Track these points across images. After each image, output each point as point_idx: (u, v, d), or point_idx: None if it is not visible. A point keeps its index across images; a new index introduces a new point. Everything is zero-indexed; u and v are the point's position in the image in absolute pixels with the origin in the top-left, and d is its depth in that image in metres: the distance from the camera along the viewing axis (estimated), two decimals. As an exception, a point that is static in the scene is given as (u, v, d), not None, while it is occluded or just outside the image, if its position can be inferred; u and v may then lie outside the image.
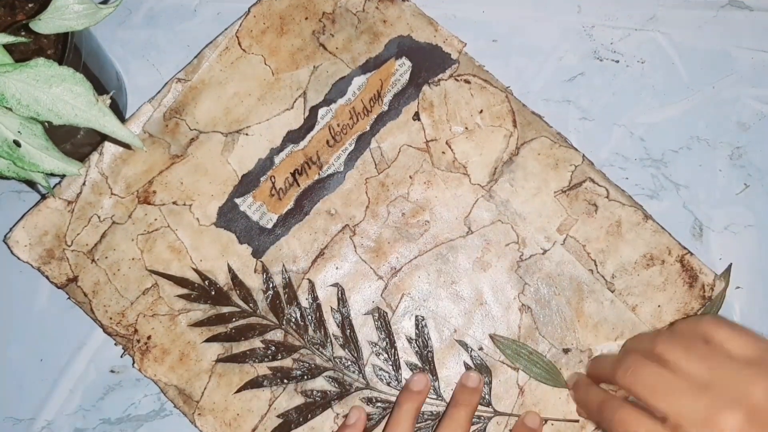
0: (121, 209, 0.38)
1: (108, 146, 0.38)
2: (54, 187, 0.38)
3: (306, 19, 0.40)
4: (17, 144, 0.28)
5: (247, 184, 0.39)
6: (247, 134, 0.39)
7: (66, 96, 0.27)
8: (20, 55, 0.32)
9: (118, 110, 0.40)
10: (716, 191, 0.41)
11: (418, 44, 0.40)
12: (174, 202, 0.38)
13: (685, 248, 0.38)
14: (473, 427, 0.37)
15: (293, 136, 0.39)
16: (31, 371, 0.39)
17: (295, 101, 0.40)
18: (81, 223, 0.38)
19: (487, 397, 0.37)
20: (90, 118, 0.28)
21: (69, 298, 0.38)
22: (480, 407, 0.37)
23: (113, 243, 0.38)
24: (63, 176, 0.38)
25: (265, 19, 0.40)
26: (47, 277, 0.38)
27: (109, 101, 0.29)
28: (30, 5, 0.34)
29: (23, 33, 0.32)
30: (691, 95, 0.41)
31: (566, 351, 0.38)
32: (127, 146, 0.38)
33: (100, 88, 0.28)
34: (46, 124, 0.28)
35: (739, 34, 0.42)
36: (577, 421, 0.37)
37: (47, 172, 0.29)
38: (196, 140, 0.39)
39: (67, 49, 0.31)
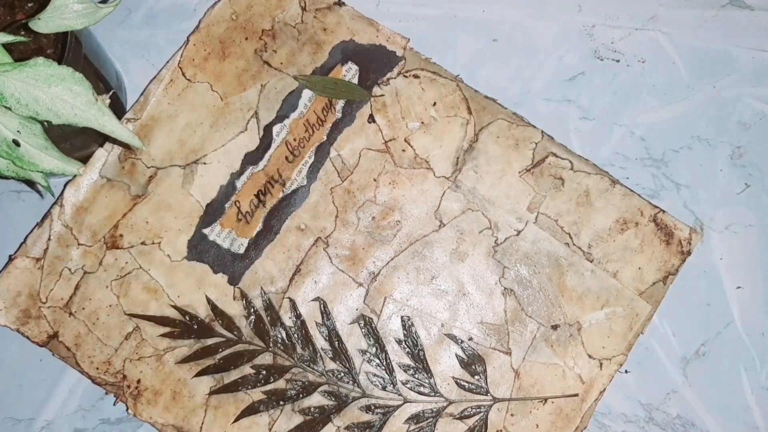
0: (91, 258, 0.38)
1: (68, 197, 0.38)
2: (20, 246, 0.38)
3: (246, 39, 0.40)
4: (16, 143, 0.28)
5: (212, 213, 0.39)
6: (205, 163, 0.39)
7: (65, 95, 0.27)
8: (20, 54, 0.32)
9: (117, 109, 0.39)
10: (717, 191, 0.41)
11: (361, 47, 0.40)
12: (142, 243, 0.38)
13: (656, 207, 0.39)
14: (474, 418, 0.37)
15: (251, 158, 0.39)
16: (31, 371, 0.39)
17: (248, 123, 0.39)
18: (53, 278, 0.38)
19: (484, 386, 0.37)
20: (89, 117, 0.28)
21: (53, 354, 0.38)
22: (479, 397, 0.37)
23: (88, 293, 0.38)
24: (59, 182, 0.37)
25: (205, 45, 0.40)
26: (28, 338, 0.37)
27: (108, 101, 0.28)
28: (29, 5, 0.33)
29: (23, 32, 0.32)
30: (692, 95, 0.41)
31: (555, 327, 0.38)
32: (127, 146, 0.37)
33: (99, 88, 0.28)
34: (46, 123, 0.28)
35: (740, 34, 0.42)
36: (577, 395, 0.37)
37: (46, 172, 0.29)
38: (155, 177, 0.39)
39: (67, 49, 0.31)
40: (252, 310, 0.37)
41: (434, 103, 0.40)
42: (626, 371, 0.39)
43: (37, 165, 0.29)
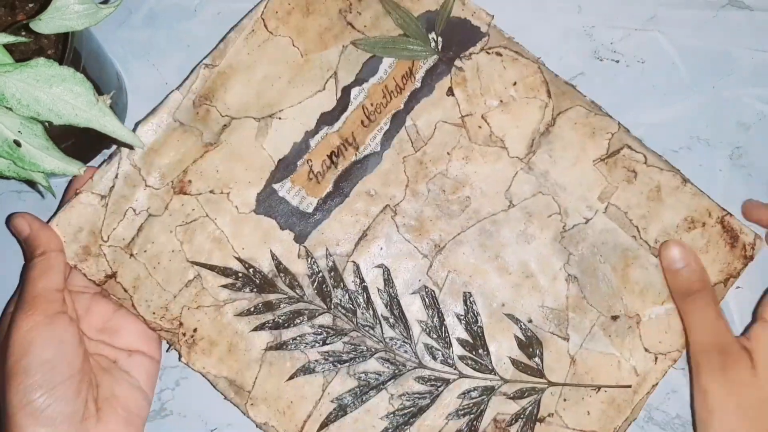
0: (157, 201, 0.37)
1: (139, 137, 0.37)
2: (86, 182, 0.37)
3: (332, -3, 0.40)
4: (17, 144, 0.28)
5: (284, 168, 0.38)
6: (280, 118, 0.38)
7: (66, 96, 0.28)
8: (20, 55, 0.32)
9: (118, 110, 0.40)
10: (717, 191, 0.40)
11: (447, 18, 0.40)
12: (211, 191, 0.38)
13: (724, 210, 0.39)
14: (527, 399, 0.37)
15: (327, 118, 0.39)
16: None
17: (326, 82, 0.39)
18: (116, 218, 0.37)
19: (540, 369, 0.37)
20: (90, 117, 0.28)
21: (109, 294, 0.37)
22: (534, 379, 0.37)
23: (151, 236, 0.37)
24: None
25: (289, -1, 0.39)
26: (85, 275, 0.37)
27: (109, 101, 0.29)
28: (30, 5, 0.33)
29: (24, 33, 0.32)
30: (692, 95, 0.41)
31: (615, 318, 0.38)
32: (128, 146, 0.37)
33: (100, 88, 0.29)
34: (47, 123, 0.28)
35: (740, 34, 0.42)
36: (630, 386, 0.37)
37: (47, 172, 0.29)
38: (228, 126, 0.38)
39: (68, 49, 0.31)
40: (316, 269, 0.37)
41: (514, 83, 0.39)
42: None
43: (38, 165, 0.29)
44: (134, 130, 0.38)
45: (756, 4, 0.42)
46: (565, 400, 0.37)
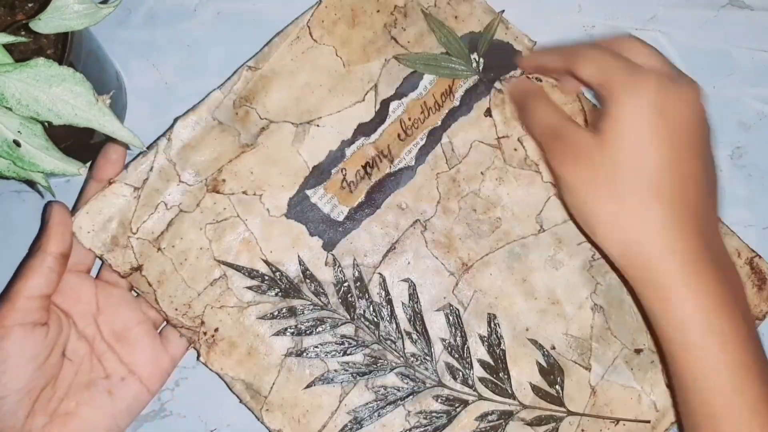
0: (189, 197, 0.37)
1: (177, 132, 0.37)
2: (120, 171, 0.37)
3: (378, 11, 0.40)
4: (17, 144, 0.28)
5: (318, 175, 0.38)
6: (318, 125, 0.39)
7: (66, 96, 0.27)
8: (20, 54, 0.32)
9: (118, 110, 0.40)
10: None
11: (490, 41, 0.40)
12: (244, 192, 0.37)
13: (753, 251, 0.39)
14: (545, 427, 0.36)
15: (364, 129, 0.39)
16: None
17: (366, 94, 0.39)
18: (147, 210, 0.37)
19: (560, 397, 0.37)
20: (90, 117, 0.28)
21: (132, 288, 0.37)
22: (553, 407, 0.37)
23: (180, 232, 0.37)
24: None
25: (336, 10, 0.40)
26: (110, 266, 0.37)
27: (109, 101, 0.29)
28: (30, 5, 0.33)
29: (23, 33, 0.32)
30: None
31: (638, 351, 0.37)
32: (125, 146, 0.37)
33: (99, 88, 0.30)
34: (46, 123, 0.28)
35: (740, 34, 0.42)
36: (648, 421, 0.37)
37: (47, 172, 0.29)
38: (266, 129, 0.38)
39: (67, 49, 0.31)
40: (342, 278, 0.37)
41: (552, 110, 0.40)
42: None
43: (38, 165, 0.29)
44: (173, 125, 0.38)
45: (756, 4, 0.42)
46: (582, 430, 0.37)
